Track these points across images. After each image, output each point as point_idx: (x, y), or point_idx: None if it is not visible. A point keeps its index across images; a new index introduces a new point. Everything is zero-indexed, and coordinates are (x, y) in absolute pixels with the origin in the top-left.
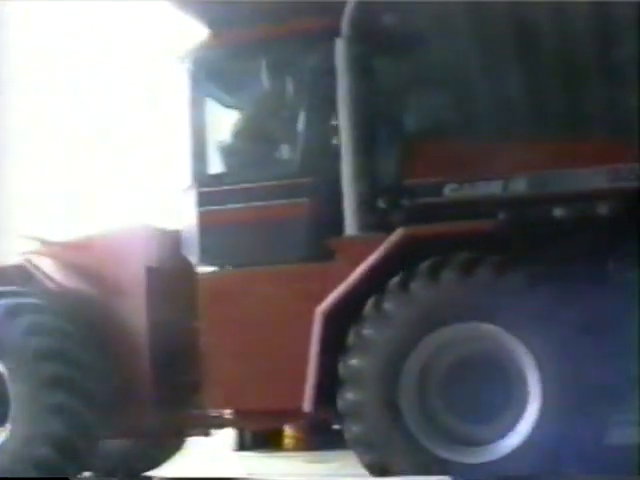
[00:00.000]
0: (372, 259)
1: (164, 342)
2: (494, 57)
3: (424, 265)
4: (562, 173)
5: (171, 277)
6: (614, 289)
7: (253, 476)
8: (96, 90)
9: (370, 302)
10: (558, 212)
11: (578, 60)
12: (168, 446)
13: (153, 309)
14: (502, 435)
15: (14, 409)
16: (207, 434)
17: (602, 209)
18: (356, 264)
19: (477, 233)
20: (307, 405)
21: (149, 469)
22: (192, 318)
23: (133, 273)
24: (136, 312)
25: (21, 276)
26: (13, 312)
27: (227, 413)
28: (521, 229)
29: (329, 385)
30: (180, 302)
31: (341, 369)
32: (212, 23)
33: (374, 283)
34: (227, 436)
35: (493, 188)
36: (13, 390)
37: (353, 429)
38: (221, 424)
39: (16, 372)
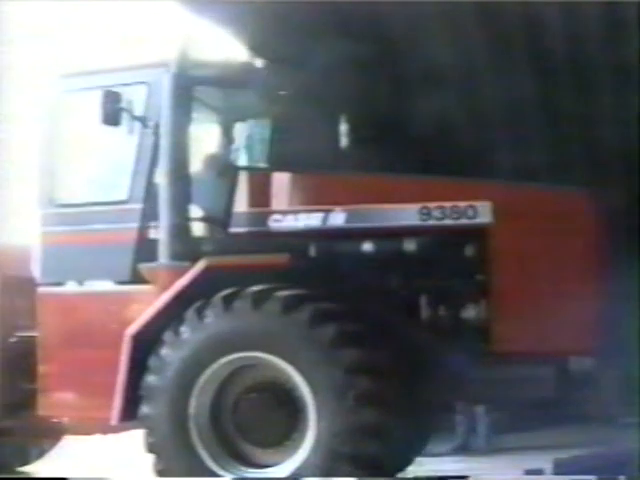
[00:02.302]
0: (175, 287)
1: (11, 349)
2: (321, 91)
3: (219, 295)
4: (376, 209)
5: (20, 289)
6: (413, 327)
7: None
8: None
9: (171, 327)
10: (367, 247)
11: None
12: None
13: (3, 318)
14: (281, 460)
15: None
16: (58, 439)
17: (410, 246)
18: (163, 291)
19: (273, 266)
20: (114, 418)
21: (22, 465)
22: (34, 329)
23: None
24: None
25: None
26: None
27: (65, 420)
28: (322, 263)
29: (135, 401)
30: (26, 313)
31: (142, 386)
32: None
33: (179, 309)
34: None
35: (313, 220)
36: None
37: (148, 440)
38: (61, 431)
39: None
